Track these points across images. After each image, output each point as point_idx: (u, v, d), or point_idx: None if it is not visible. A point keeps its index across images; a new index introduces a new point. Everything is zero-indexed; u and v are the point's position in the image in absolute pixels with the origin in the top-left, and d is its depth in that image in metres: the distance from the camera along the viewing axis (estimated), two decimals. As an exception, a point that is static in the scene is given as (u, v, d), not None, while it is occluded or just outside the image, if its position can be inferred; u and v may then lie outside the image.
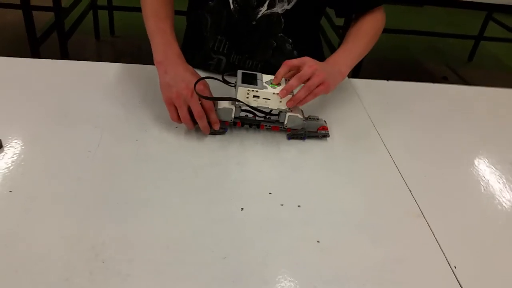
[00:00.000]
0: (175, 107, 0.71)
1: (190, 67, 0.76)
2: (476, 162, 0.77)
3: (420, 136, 0.82)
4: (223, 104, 0.73)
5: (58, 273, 0.48)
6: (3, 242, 0.52)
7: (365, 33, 0.86)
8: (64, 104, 0.80)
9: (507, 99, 1.02)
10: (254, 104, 0.71)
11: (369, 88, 0.97)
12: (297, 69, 0.72)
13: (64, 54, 2.29)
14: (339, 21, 2.58)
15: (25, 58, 0.93)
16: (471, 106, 0.96)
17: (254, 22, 0.88)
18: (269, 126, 0.76)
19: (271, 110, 0.73)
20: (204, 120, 0.71)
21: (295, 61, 0.72)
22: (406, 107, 0.92)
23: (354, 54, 0.83)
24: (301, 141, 0.76)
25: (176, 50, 0.76)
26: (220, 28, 0.91)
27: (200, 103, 0.71)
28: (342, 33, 2.45)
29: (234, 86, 0.72)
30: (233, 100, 0.71)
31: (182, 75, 0.72)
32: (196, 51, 0.96)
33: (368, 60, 1.07)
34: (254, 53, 0.92)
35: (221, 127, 0.74)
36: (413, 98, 0.96)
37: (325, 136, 0.76)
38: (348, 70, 0.81)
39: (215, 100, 0.73)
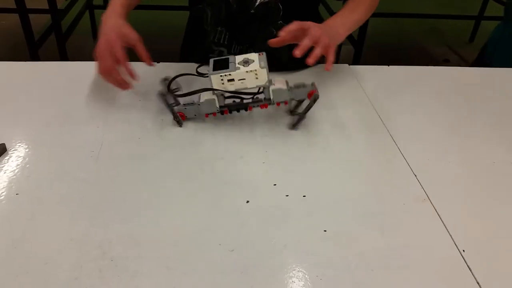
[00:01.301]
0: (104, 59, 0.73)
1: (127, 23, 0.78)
2: (481, 144, 0.76)
3: (424, 121, 0.82)
4: (204, 97, 0.72)
5: (68, 273, 0.49)
6: (12, 244, 0.52)
7: (361, 2, 0.88)
8: (66, 105, 0.80)
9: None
10: (231, 88, 0.70)
11: (370, 74, 0.96)
12: (303, 31, 0.73)
13: (63, 55, 2.29)
14: (338, 8, 2.56)
15: (25, 62, 0.94)
16: (474, 88, 0.95)
17: (252, 11, 0.88)
18: (257, 105, 0.74)
19: (259, 90, 0.71)
20: (120, 69, 0.73)
21: (302, 23, 0.73)
22: (408, 91, 0.92)
23: (351, 19, 0.86)
24: (304, 126, 0.75)
25: (118, 11, 0.79)
26: (220, 20, 0.91)
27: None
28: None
29: (207, 76, 0.70)
30: (210, 90, 0.70)
31: (113, 24, 0.75)
32: (198, 45, 0.97)
33: (368, 46, 1.06)
34: (254, 42, 0.92)
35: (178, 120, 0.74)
36: (415, 83, 0.96)
37: (315, 99, 0.73)
38: (345, 33, 0.83)
39: (193, 94, 0.72)
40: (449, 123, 0.82)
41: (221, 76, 0.68)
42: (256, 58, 0.70)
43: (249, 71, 0.68)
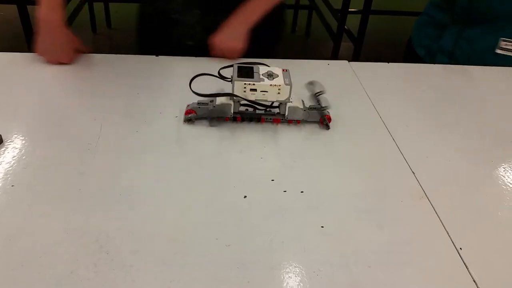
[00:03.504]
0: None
1: (70, 33, 0.88)
2: (479, 142, 0.76)
3: (423, 118, 0.82)
4: (221, 100, 0.72)
5: (63, 266, 0.48)
6: (7, 237, 0.52)
7: None
8: (63, 97, 0.79)
9: (510, 76, 1.01)
10: (252, 98, 0.70)
11: (369, 71, 0.96)
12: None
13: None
14: (338, 5, 2.56)
15: (23, 53, 0.93)
16: (474, 85, 0.95)
17: None
18: (270, 119, 0.75)
19: (272, 103, 0.72)
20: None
21: (212, 48, 0.90)
22: (407, 89, 0.91)
23: (254, 16, 0.92)
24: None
25: (59, 15, 0.85)
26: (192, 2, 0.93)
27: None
28: (340, 16, 2.43)
29: (231, 81, 0.71)
30: (231, 95, 0.70)
31: (61, 42, 0.86)
32: (167, 37, 0.98)
33: (368, 43, 1.06)
34: (214, 8, 0.94)
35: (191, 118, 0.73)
36: (415, 80, 0.95)
37: (327, 125, 0.75)
38: (249, 27, 0.91)
39: (213, 96, 0.72)
40: (448, 120, 0.82)
41: (245, 84, 0.69)
42: (280, 73, 0.71)
43: (273, 85, 0.69)
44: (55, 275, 0.48)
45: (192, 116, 0.73)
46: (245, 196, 0.60)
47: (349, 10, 2.42)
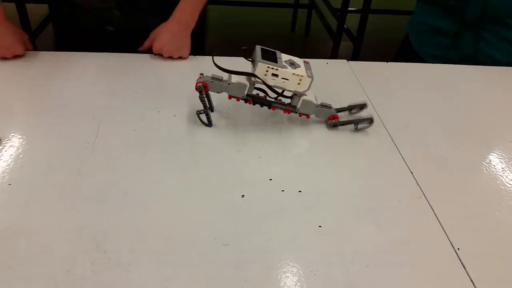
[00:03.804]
0: None
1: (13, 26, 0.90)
2: (477, 141, 0.76)
3: (421, 118, 0.81)
4: (236, 79, 0.70)
5: (60, 265, 0.48)
6: (4, 235, 0.51)
7: None
8: (61, 95, 0.79)
9: (508, 76, 1.01)
10: (271, 83, 0.68)
11: (368, 70, 0.96)
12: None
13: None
14: (337, 4, 2.55)
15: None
16: (473, 86, 0.95)
17: None
18: (281, 108, 0.73)
19: (283, 91, 0.70)
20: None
21: (149, 43, 0.93)
22: (406, 88, 0.91)
23: (198, 8, 0.94)
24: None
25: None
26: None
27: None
28: (339, 15, 2.42)
29: (252, 61, 0.68)
30: (252, 75, 0.68)
31: (7, 35, 0.87)
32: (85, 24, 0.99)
33: (367, 42, 1.06)
34: None
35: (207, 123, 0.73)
36: (413, 79, 0.95)
37: (336, 125, 0.75)
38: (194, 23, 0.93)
39: (234, 73, 0.69)
40: (446, 120, 0.81)
41: (268, 67, 0.66)
42: (302, 64, 0.70)
43: (296, 74, 0.67)
44: (52, 274, 0.47)
45: (203, 111, 0.72)
46: (242, 196, 0.60)
47: (349, 9, 2.42)
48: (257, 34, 3.08)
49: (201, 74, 0.71)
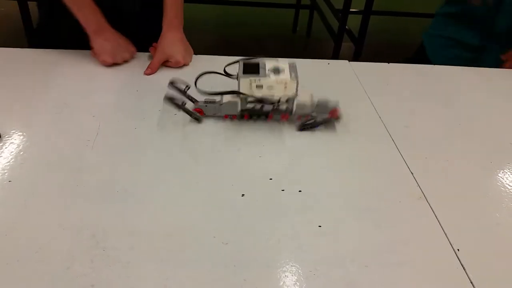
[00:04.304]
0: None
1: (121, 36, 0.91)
2: (477, 143, 0.76)
3: (422, 118, 0.81)
4: (227, 98, 0.71)
5: (59, 262, 0.48)
6: (3, 232, 0.51)
7: None
8: (62, 93, 0.79)
9: (510, 78, 1.01)
10: (259, 94, 0.69)
11: (369, 71, 0.96)
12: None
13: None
14: (339, 5, 2.55)
15: (23, 49, 0.93)
16: (473, 87, 0.95)
17: None
18: (278, 115, 0.74)
19: (280, 99, 0.71)
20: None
21: (159, 59, 0.90)
22: (407, 89, 0.91)
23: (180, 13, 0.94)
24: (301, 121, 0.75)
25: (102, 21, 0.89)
26: None
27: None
28: (341, 16, 2.42)
29: (236, 78, 0.69)
30: (236, 93, 0.69)
31: (119, 43, 0.90)
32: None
33: (369, 43, 1.06)
34: None
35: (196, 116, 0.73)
36: (414, 80, 0.95)
37: (337, 119, 0.74)
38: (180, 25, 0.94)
39: (218, 95, 0.71)
40: (447, 121, 0.81)
41: (250, 80, 0.67)
42: (286, 68, 0.70)
43: (279, 80, 0.67)
44: (51, 271, 0.47)
45: (198, 116, 0.73)
46: (242, 195, 0.60)
47: (350, 10, 2.42)
48: (258, 35, 3.08)
49: (182, 103, 0.72)
